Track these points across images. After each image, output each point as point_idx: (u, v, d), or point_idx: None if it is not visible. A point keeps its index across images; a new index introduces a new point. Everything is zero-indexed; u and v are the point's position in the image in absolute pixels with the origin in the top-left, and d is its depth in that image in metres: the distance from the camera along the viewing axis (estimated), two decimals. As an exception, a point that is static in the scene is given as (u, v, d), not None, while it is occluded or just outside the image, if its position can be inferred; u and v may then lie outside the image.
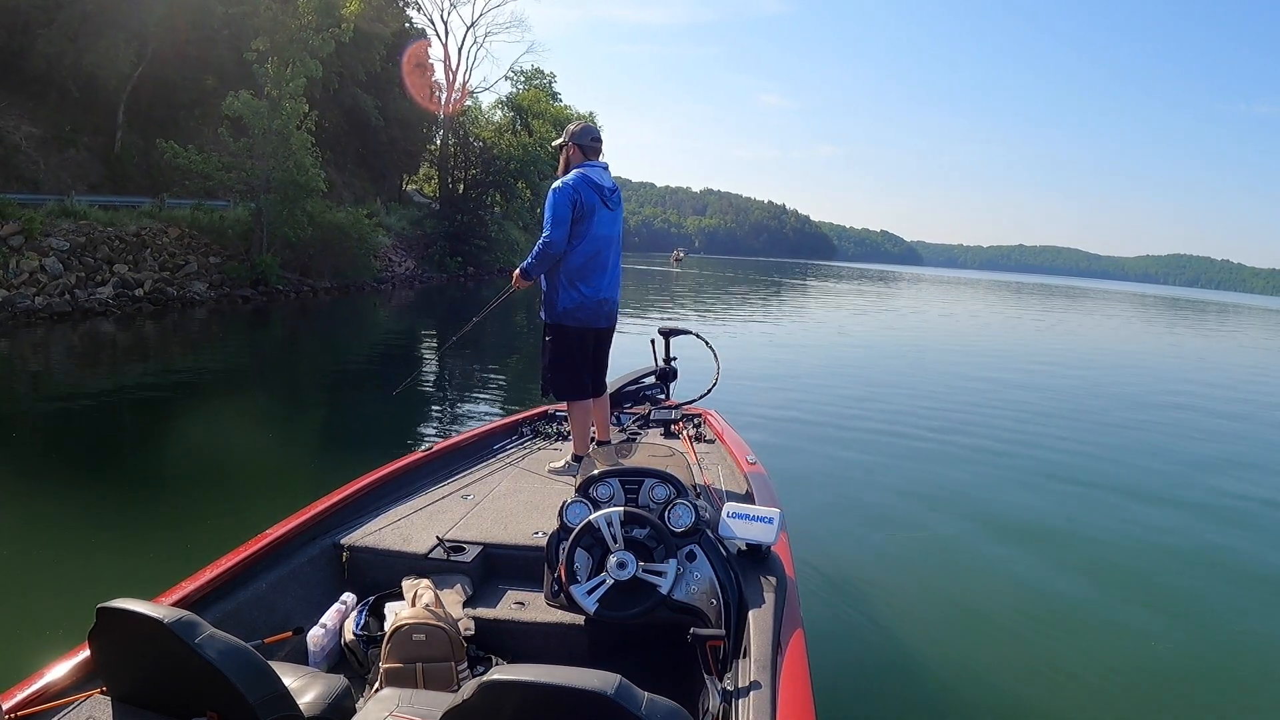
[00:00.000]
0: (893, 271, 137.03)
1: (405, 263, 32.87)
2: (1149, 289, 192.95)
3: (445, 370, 12.81)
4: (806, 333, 23.01)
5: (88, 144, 23.52)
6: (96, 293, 17.37)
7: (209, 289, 20.34)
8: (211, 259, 21.30)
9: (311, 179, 22.81)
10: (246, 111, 21.33)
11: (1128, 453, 9.43)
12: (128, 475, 6.93)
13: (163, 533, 5.45)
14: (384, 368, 13.31)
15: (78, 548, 5.13)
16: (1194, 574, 5.79)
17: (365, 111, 34.92)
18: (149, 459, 7.44)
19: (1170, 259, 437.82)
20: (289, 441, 8.52)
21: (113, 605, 1.82)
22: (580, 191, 3.94)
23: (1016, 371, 16.30)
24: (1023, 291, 76.09)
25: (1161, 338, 30.79)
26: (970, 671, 4.13)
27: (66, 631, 2.11)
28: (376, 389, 10.87)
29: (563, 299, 4.08)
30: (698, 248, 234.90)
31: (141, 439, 8.36)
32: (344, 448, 8.23)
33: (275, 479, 7.01)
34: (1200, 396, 14.57)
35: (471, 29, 46.97)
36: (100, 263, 18.06)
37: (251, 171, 21.92)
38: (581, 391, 4.23)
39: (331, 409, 10.42)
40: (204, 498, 6.20)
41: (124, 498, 6.26)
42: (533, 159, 44.06)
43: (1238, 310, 71.99)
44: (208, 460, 7.29)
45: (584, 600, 2.49)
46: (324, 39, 23.57)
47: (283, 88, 21.94)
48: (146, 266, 19.22)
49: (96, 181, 23.09)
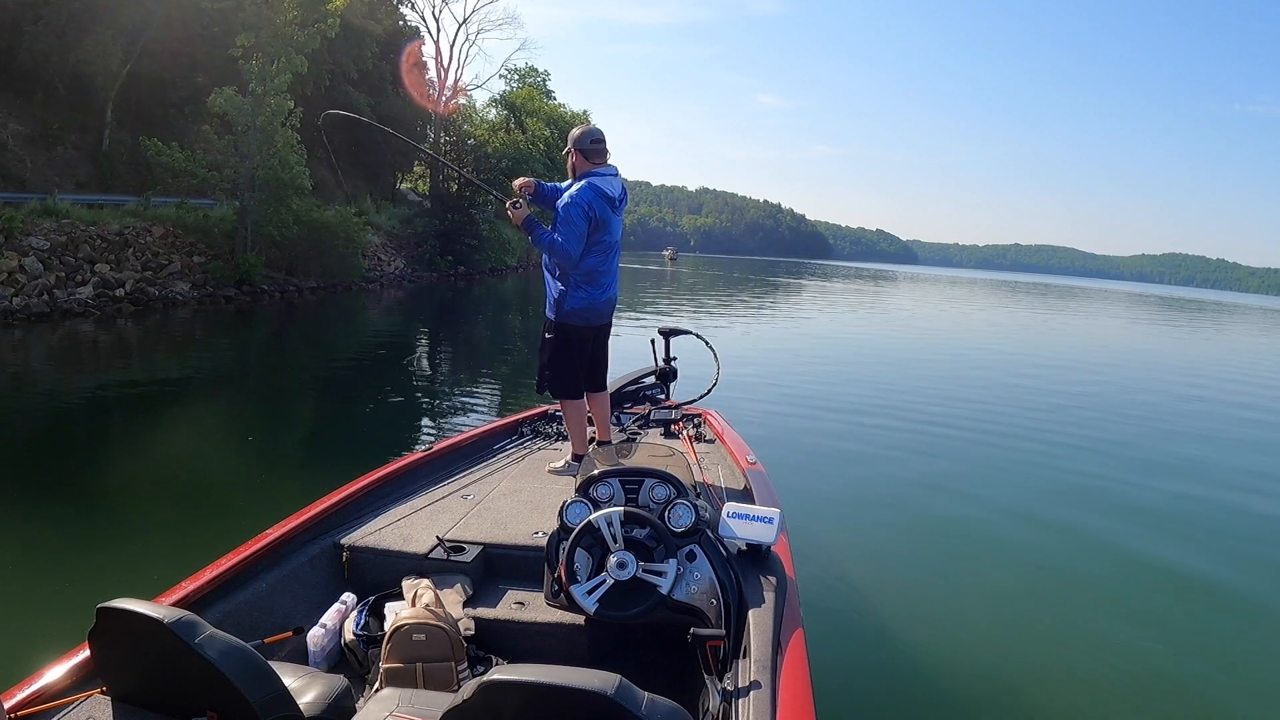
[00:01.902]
0: (888, 271, 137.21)
1: (395, 262, 32.72)
2: (1145, 288, 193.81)
3: (441, 370, 12.72)
4: (806, 332, 23.07)
5: (76, 142, 23.37)
6: (76, 293, 17.12)
7: (192, 289, 20.08)
8: (196, 258, 21.04)
9: (296, 176, 22.54)
10: (230, 108, 21.10)
11: (1130, 451, 9.41)
12: (127, 476, 6.92)
13: (163, 533, 5.46)
14: (372, 368, 13.26)
15: (77, 548, 5.13)
16: (1195, 573, 5.75)
17: (359, 109, 34.76)
18: (147, 460, 7.42)
19: (1166, 258, 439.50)
20: (280, 443, 8.49)
21: (113, 605, 1.82)
22: (594, 206, 3.95)
23: (1017, 370, 16.36)
24: (1019, 291, 76.27)
25: (1166, 339, 30.94)
26: (970, 671, 4.14)
27: (66, 631, 2.12)
28: (365, 390, 10.85)
29: (571, 299, 4.10)
30: (693, 247, 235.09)
31: (136, 439, 8.31)
32: (338, 448, 8.23)
33: (268, 480, 7.01)
34: (1205, 394, 14.64)
35: (463, 26, 46.94)
36: (81, 262, 17.84)
37: (236, 169, 21.65)
38: (576, 391, 4.25)
39: (319, 411, 10.36)
40: (202, 499, 6.22)
41: (124, 498, 6.27)
42: (525, 157, 44.02)
43: (1233, 310, 72.00)
44: (205, 461, 7.31)
45: (584, 600, 2.50)
46: (309, 35, 23.37)
47: (268, 84, 21.68)
48: (128, 266, 18.98)
49: (84, 180, 22.89)
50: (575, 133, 4.14)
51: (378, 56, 35.77)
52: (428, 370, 12.69)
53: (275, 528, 3.02)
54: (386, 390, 11.35)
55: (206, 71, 23.99)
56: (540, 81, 53.33)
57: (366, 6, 34.16)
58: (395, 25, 39.77)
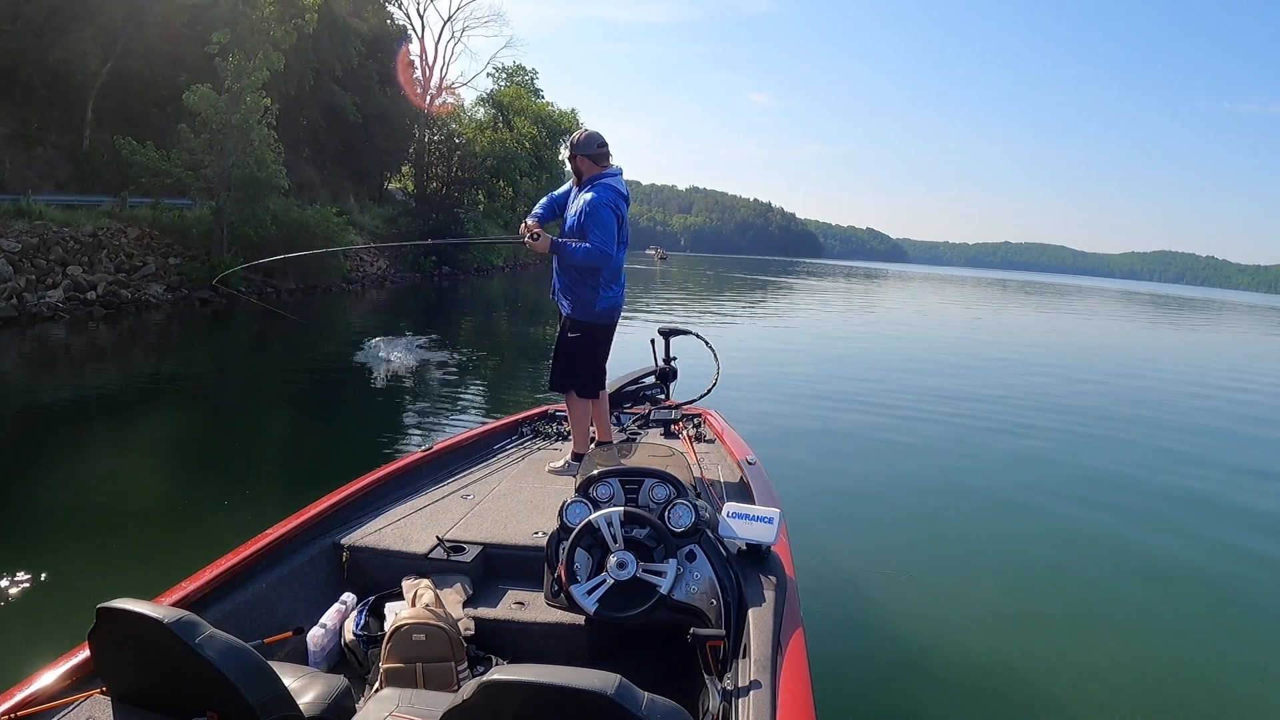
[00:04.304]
0: (879, 269, 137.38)
1: (377, 262, 32.29)
2: (1135, 286, 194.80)
3: (432, 372, 12.58)
4: (805, 332, 23.11)
5: (56, 142, 23.03)
6: (46, 296, 16.74)
7: (166, 291, 19.68)
8: (171, 260, 20.66)
9: (273, 175, 22.18)
10: (205, 106, 20.75)
11: (1131, 449, 9.39)
12: (126, 476, 6.94)
13: (162, 533, 5.48)
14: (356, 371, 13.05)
15: (77, 548, 5.12)
16: (1196, 572, 5.75)
17: (344, 109, 34.58)
18: (146, 461, 7.42)
19: (1156, 256, 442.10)
20: (271, 446, 8.48)
21: (113, 605, 1.82)
22: (618, 205, 4.12)
23: (1016, 368, 16.40)
24: (1009, 289, 76.39)
25: (1161, 335, 31.26)
26: (971, 670, 4.14)
27: (66, 631, 2.13)
28: (347, 393, 10.74)
29: (602, 300, 4.22)
30: (683, 246, 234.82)
31: (125, 442, 8.27)
32: (336, 450, 8.20)
33: (265, 481, 7.02)
34: (1207, 392, 14.71)
35: (449, 23, 46.90)
36: (53, 264, 17.49)
37: (211, 168, 21.28)
38: (600, 389, 4.40)
39: (306, 413, 10.23)
40: (202, 500, 6.24)
41: (123, 499, 6.27)
42: (512, 156, 43.94)
43: (1223, 307, 72.31)
44: (202, 463, 7.37)
45: (584, 600, 2.50)
46: (286, 30, 23.10)
47: (244, 80, 21.33)
48: (101, 268, 18.61)
49: (65, 180, 22.55)
50: (579, 138, 4.22)
51: (364, 55, 35.53)
52: (420, 372, 12.49)
53: (275, 528, 3.03)
54: (357, 396, 11.22)
55: (189, 70, 23.67)
56: (528, 80, 53.27)
57: (352, 4, 33.95)
58: (381, 23, 39.56)
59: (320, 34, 29.67)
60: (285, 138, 24.89)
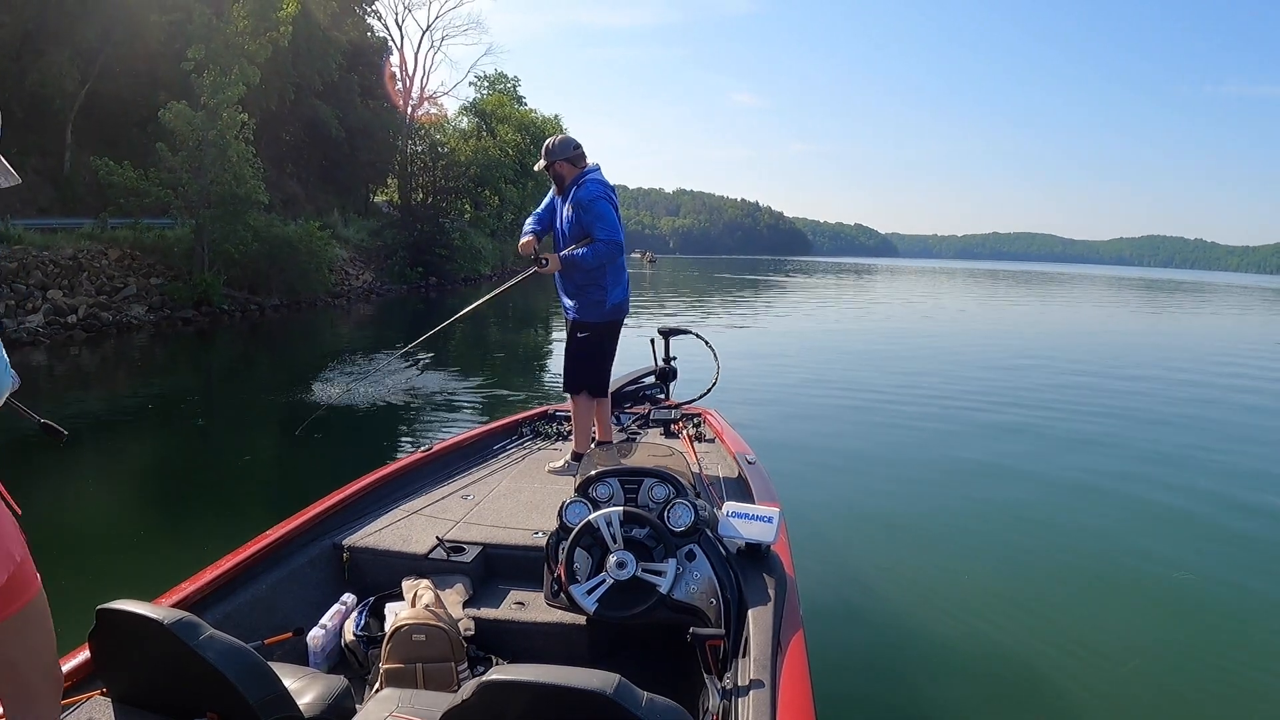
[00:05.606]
0: (869, 264, 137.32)
1: (363, 275, 32.17)
2: (1124, 271, 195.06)
3: (424, 378, 12.48)
4: (802, 331, 23.06)
5: (36, 166, 22.78)
6: (26, 321, 16.56)
7: (148, 311, 19.49)
8: (153, 280, 20.47)
9: (252, 191, 22.02)
10: (181, 123, 20.61)
11: (1132, 447, 9.15)
12: (125, 477, 6.99)
13: (162, 534, 5.49)
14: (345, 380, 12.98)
15: (77, 549, 5.10)
16: (1197, 572, 5.63)
17: (326, 123, 34.46)
18: (144, 462, 7.54)
19: (1144, 240, 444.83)
20: (265, 455, 8.46)
21: (113, 606, 1.83)
22: (610, 196, 4.17)
23: (1015, 363, 16.20)
24: (999, 279, 76.38)
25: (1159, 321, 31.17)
26: (972, 670, 4.12)
27: (67, 632, 2.08)
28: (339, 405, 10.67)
29: (612, 296, 4.25)
30: (672, 248, 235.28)
31: (125, 455, 8.37)
32: (330, 452, 8.24)
33: (261, 483, 7.08)
34: (1202, 379, 14.67)
35: (428, 32, 46.79)
36: (32, 289, 17.34)
37: (190, 185, 21.12)
38: (607, 388, 4.43)
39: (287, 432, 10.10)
40: (201, 501, 6.30)
41: (123, 499, 6.28)
42: (495, 164, 43.84)
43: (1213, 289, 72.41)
44: (198, 467, 7.49)
45: (584, 600, 2.50)
46: (261, 44, 23.01)
47: (220, 96, 21.22)
48: (82, 291, 18.44)
49: (46, 204, 22.39)
50: (554, 144, 4.24)
51: (344, 68, 35.41)
52: (412, 382, 12.38)
53: (275, 528, 3.03)
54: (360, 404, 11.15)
55: (167, 89, 23.52)
56: (510, 88, 53.23)
57: (330, 17, 33.85)
58: (361, 35, 39.46)
59: (299, 48, 29.58)
60: (268, 154, 24.77)
